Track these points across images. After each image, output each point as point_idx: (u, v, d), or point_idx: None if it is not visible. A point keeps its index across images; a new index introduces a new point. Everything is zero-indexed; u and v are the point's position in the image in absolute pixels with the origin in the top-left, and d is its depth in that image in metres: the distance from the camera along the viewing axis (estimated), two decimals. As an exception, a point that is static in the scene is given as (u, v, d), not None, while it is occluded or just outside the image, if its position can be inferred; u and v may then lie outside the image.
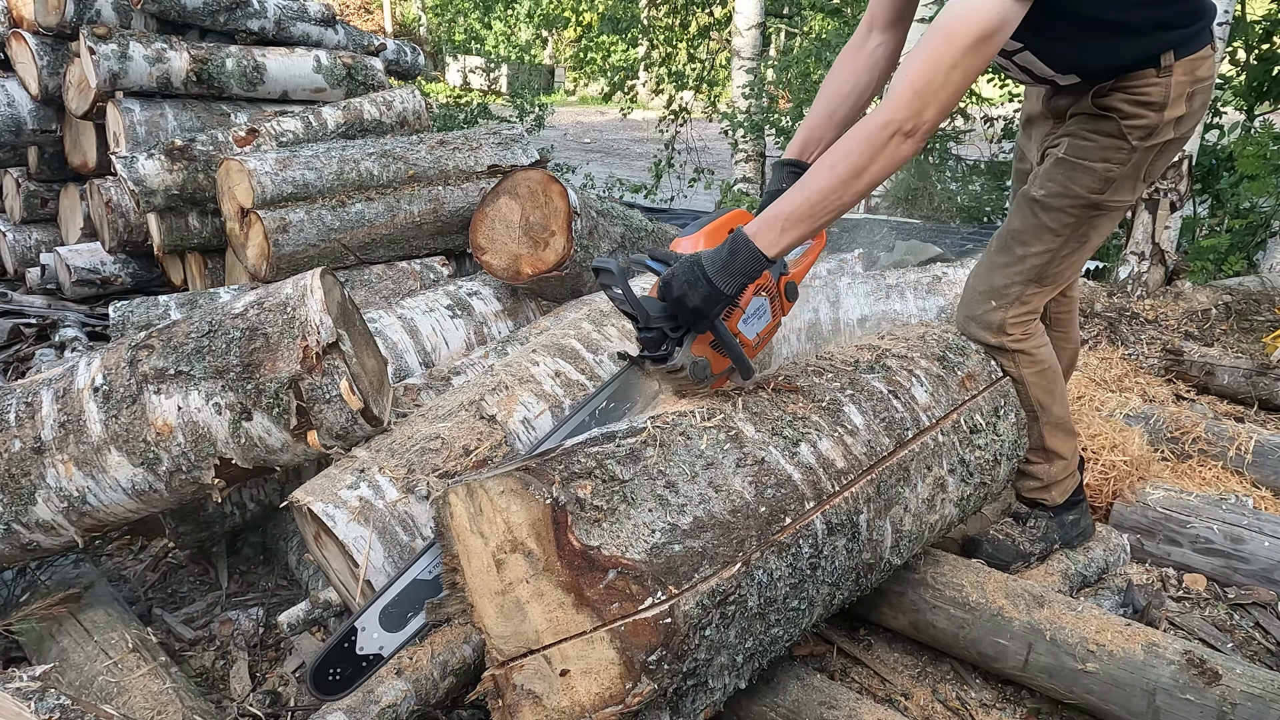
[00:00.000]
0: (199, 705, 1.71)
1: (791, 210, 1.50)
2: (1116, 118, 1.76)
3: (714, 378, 1.62)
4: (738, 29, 8.66)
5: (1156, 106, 1.73)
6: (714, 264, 1.49)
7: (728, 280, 1.48)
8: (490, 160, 3.37)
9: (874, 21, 1.86)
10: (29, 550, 1.85)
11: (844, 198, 1.49)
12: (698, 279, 1.48)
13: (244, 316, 1.76)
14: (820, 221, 1.51)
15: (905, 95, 1.45)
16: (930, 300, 2.96)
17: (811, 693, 1.68)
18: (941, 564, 1.97)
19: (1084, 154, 1.82)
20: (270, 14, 4.34)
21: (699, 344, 1.57)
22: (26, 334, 3.80)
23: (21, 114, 4.13)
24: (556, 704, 1.32)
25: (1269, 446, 2.66)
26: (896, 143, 1.46)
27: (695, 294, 1.48)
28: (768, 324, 1.67)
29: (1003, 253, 1.97)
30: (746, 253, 1.49)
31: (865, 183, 1.48)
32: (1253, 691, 1.57)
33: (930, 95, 1.44)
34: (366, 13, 18.94)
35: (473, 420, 1.88)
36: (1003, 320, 1.98)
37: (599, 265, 1.52)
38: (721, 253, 1.50)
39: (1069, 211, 1.87)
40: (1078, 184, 1.84)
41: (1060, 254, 1.92)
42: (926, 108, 1.45)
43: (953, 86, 1.45)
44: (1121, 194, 1.85)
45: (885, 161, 1.47)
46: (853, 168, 1.47)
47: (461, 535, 1.39)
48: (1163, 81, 1.71)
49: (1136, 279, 4.48)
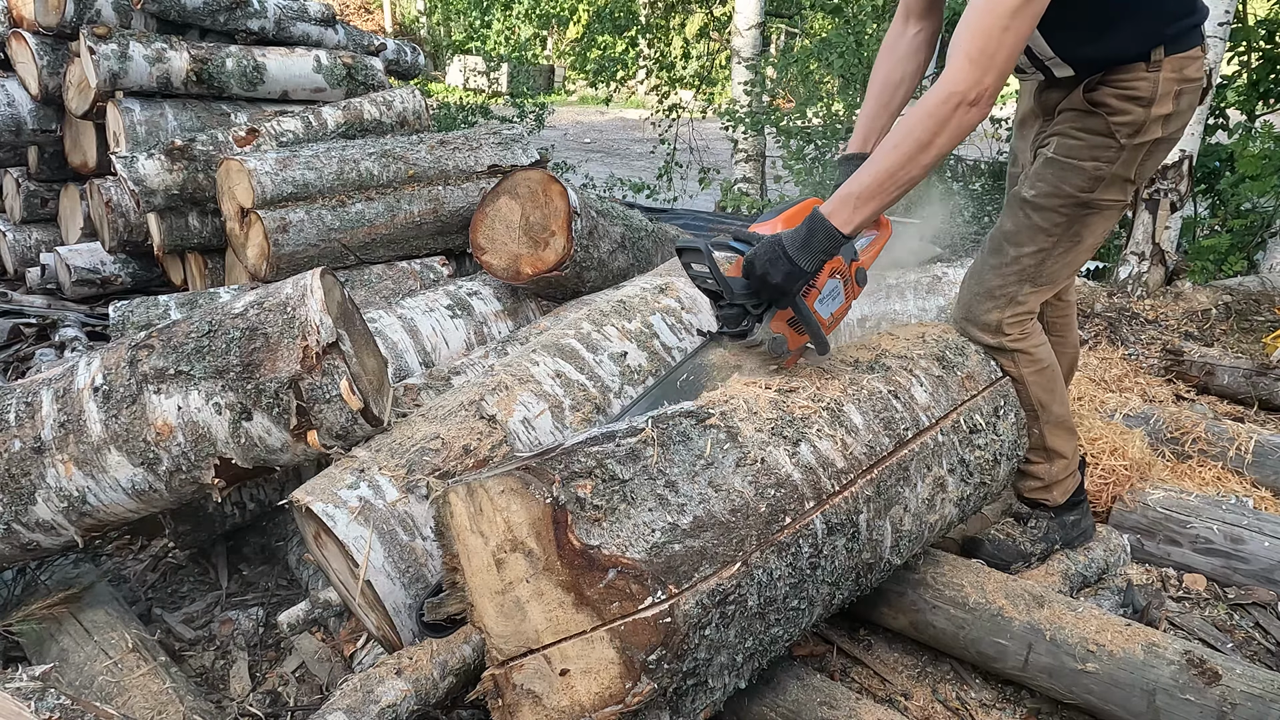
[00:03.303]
0: (199, 705, 1.71)
1: (862, 188, 1.58)
2: (1104, 114, 1.79)
3: (789, 353, 1.74)
4: (737, 29, 8.65)
5: (1144, 101, 1.75)
6: (794, 243, 1.59)
7: (807, 258, 1.59)
8: (490, 160, 3.37)
9: (910, 10, 1.94)
10: (29, 550, 1.85)
11: (912, 171, 1.56)
12: (779, 257, 1.59)
13: (244, 316, 1.76)
14: (891, 196, 1.58)
15: (962, 66, 1.50)
16: (930, 300, 2.96)
17: (811, 693, 1.68)
18: (941, 564, 1.97)
19: (1073, 153, 1.84)
20: (270, 14, 4.34)
21: (777, 321, 1.69)
22: (26, 334, 3.80)
23: (21, 114, 4.13)
24: (556, 704, 1.32)
25: (1269, 446, 2.66)
26: (962, 112, 1.52)
27: (777, 271, 1.59)
28: (841, 305, 1.77)
29: (995, 254, 1.98)
30: (823, 231, 1.59)
31: (933, 155, 1.55)
32: (1253, 691, 1.57)
33: (986, 61, 1.50)
34: (366, 13, 18.94)
35: (473, 420, 1.88)
36: (999, 321, 1.98)
37: (684, 245, 1.67)
38: (800, 232, 1.60)
39: (1060, 211, 1.88)
40: (1067, 183, 1.85)
41: (1053, 254, 1.92)
42: (985, 74, 1.50)
43: (1007, 49, 1.51)
44: (1112, 193, 1.86)
45: (952, 132, 1.53)
46: (919, 142, 1.54)
47: (461, 535, 1.39)
48: (1151, 76, 1.74)
49: (1136, 279, 4.48)
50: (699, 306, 2.33)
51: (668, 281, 2.39)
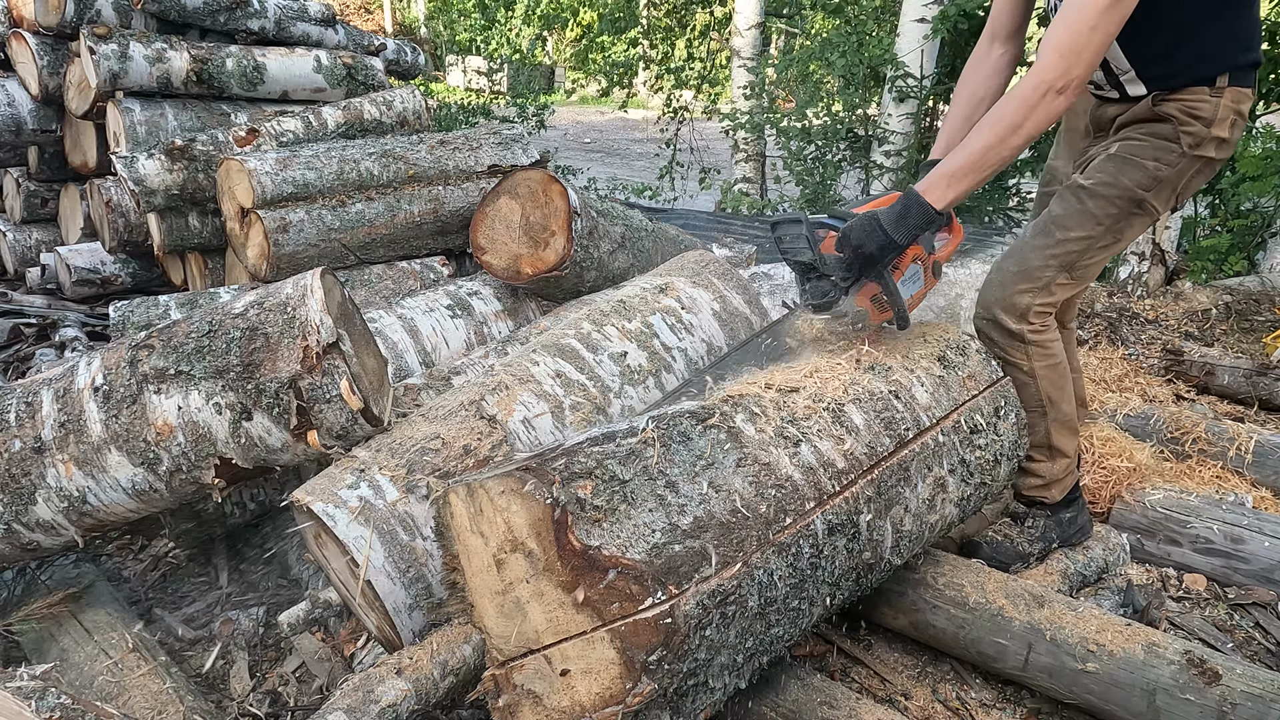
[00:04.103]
0: (199, 705, 1.71)
1: (956, 167, 1.71)
2: (1174, 122, 1.88)
3: (871, 328, 1.87)
4: (737, 29, 8.65)
5: (1205, 121, 1.86)
6: (889, 218, 1.72)
7: (902, 231, 1.71)
8: (490, 160, 3.37)
9: (996, 34, 2.07)
10: (29, 550, 1.85)
11: (1003, 152, 1.69)
12: (875, 229, 1.72)
13: (244, 316, 1.76)
14: (983, 174, 1.72)
15: (1052, 59, 1.64)
16: (930, 300, 2.96)
17: (811, 692, 1.68)
18: (941, 564, 1.97)
19: (1137, 151, 1.92)
20: (270, 14, 4.33)
21: (862, 296, 1.82)
22: (26, 334, 3.80)
23: (22, 114, 4.13)
24: (557, 704, 1.32)
25: (1269, 446, 2.66)
26: (1050, 99, 1.64)
27: (872, 242, 1.72)
28: (920, 289, 1.90)
29: (1041, 235, 2.03)
30: (918, 207, 1.72)
31: (1023, 137, 1.68)
32: (1253, 691, 1.57)
33: (1074, 56, 1.63)
34: (366, 13, 18.94)
35: (473, 420, 1.88)
36: (1029, 306, 2.01)
37: (780, 219, 1.79)
38: (896, 208, 1.73)
39: (1114, 202, 1.94)
40: (1127, 176, 1.92)
41: (1096, 245, 1.98)
42: (1073, 67, 1.63)
43: (1095, 46, 1.64)
44: (1160, 199, 1.94)
45: (1041, 115, 1.66)
46: (1010, 124, 1.67)
47: (462, 535, 1.39)
48: (1214, 100, 1.84)
49: (1137, 279, 4.48)
50: (699, 306, 2.33)
51: (668, 281, 2.39)
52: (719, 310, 2.35)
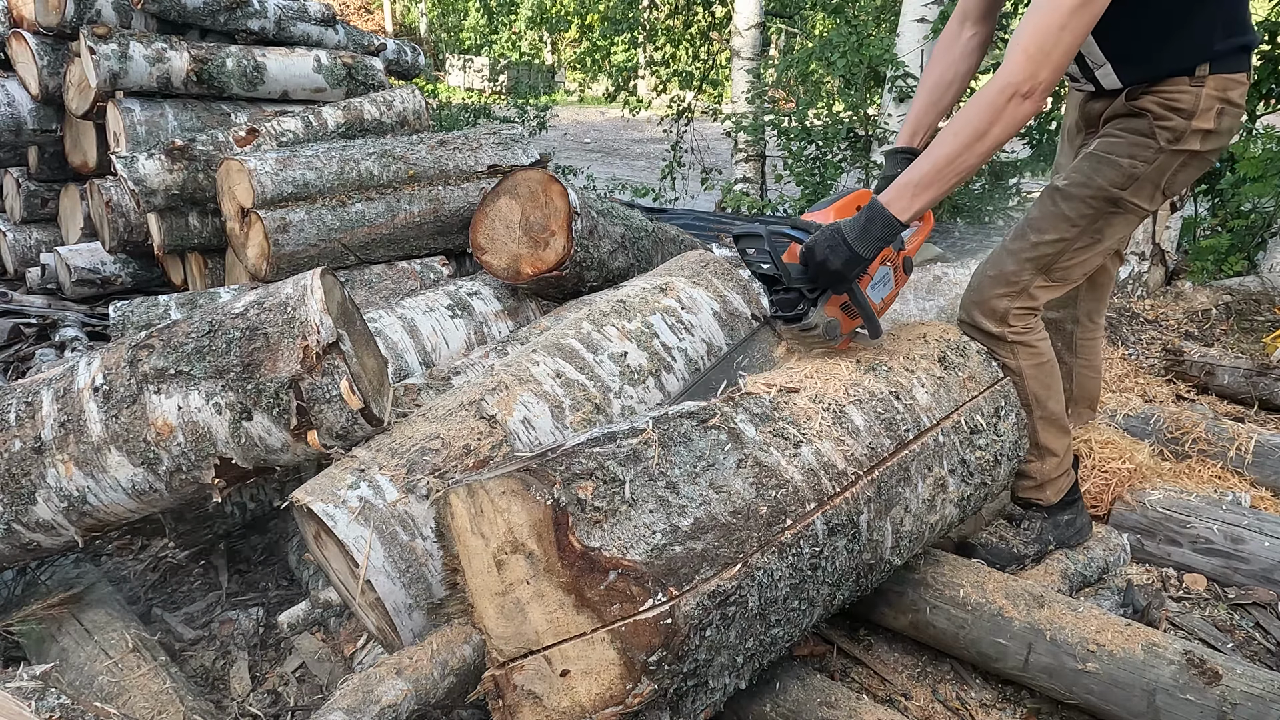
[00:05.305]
0: (199, 705, 1.71)
1: (920, 176, 1.64)
2: (1149, 116, 1.83)
3: (841, 336, 1.82)
4: (737, 29, 8.65)
5: (1185, 113, 1.80)
6: (853, 231, 1.65)
7: (866, 245, 1.65)
8: (490, 160, 3.37)
9: (966, 15, 2.00)
10: (29, 550, 1.85)
11: (969, 160, 1.63)
12: (839, 244, 1.65)
13: (244, 316, 1.76)
14: (948, 184, 1.65)
15: (1019, 60, 1.57)
16: (930, 300, 2.96)
17: (811, 693, 1.68)
18: (941, 564, 1.97)
19: (1112, 149, 1.88)
20: (270, 14, 4.34)
21: (831, 306, 1.77)
22: (26, 334, 3.80)
23: (21, 114, 4.13)
24: (557, 704, 1.32)
25: (1269, 446, 2.66)
26: (1015, 104, 1.57)
27: (837, 257, 1.65)
28: (890, 291, 1.85)
29: (1017, 239, 2.01)
30: (882, 219, 1.65)
31: (988, 144, 1.61)
32: (1253, 691, 1.57)
33: (1043, 58, 1.56)
34: (366, 13, 18.94)
35: (473, 420, 1.88)
36: (1007, 310, 2.00)
37: (742, 232, 1.75)
38: (859, 221, 1.66)
39: (1088, 202, 1.91)
40: (1101, 176, 1.89)
41: (1072, 246, 1.95)
42: (1040, 69, 1.56)
43: (1064, 47, 1.56)
44: (1141, 196, 1.90)
45: (1006, 122, 1.59)
46: (975, 131, 1.60)
47: (462, 536, 1.39)
48: (1194, 90, 1.78)
49: (1137, 279, 4.48)
50: (699, 306, 2.33)
51: (668, 281, 2.39)
52: (719, 310, 2.35)
